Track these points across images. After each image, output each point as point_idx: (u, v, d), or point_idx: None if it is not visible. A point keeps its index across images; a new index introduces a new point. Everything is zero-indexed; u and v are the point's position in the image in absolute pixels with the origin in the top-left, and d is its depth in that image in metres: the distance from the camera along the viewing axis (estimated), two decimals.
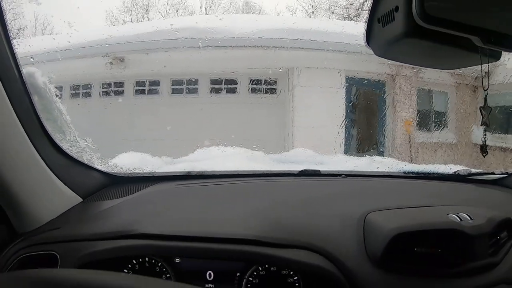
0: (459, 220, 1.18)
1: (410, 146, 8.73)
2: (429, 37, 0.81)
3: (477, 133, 9.82)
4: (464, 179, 2.02)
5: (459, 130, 9.84)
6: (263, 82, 8.12)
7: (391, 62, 7.94)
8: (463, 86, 10.07)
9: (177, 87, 8.07)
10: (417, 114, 9.01)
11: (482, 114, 1.09)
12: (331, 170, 1.87)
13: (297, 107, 7.76)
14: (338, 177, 1.80)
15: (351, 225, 1.15)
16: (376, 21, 0.86)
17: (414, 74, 8.67)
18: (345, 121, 7.65)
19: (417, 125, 9.07)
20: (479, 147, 1.19)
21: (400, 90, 8.63)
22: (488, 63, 0.95)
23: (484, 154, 1.16)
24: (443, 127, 9.66)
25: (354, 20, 15.38)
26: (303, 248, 1.07)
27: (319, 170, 1.80)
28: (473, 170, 2.07)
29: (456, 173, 2.04)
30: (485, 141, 1.19)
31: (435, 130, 9.49)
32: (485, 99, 1.08)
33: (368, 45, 0.92)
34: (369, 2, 0.89)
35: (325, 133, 6.77)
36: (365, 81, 8.35)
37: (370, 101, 9.04)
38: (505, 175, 2.01)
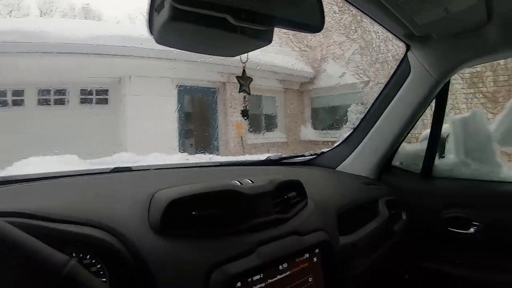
0: (239, 184, 1.24)
1: (243, 148, 9.05)
2: (193, 20, 0.84)
3: (305, 131, 10.63)
4: (277, 163, 2.16)
5: (288, 130, 10.52)
6: (94, 92, 7.73)
7: (221, 70, 8.22)
8: (290, 91, 10.77)
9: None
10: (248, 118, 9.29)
11: (240, 83, 1.17)
12: (142, 165, 1.90)
13: (129, 117, 7.54)
14: (147, 171, 1.85)
15: (139, 204, 1.15)
16: (154, 10, 0.88)
17: None
18: (179, 128, 7.66)
19: (249, 128, 9.40)
20: (241, 112, 1.29)
21: (231, 96, 8.89)
22: (259, 47, 1.02)
23: (245, 118, 1.27)
24: (274, 128, 10.27)
25: None
26: (91, 225, 1.02)
27: (130, 167, 1.82)
28: (284, 155, 2.23)
29: (268, 158, 2.17)
30: (247, 106, 1.29)
31: (266, 131, 10.01)
32: (244, 71, 1.16)
33: (151, 34, 0.93)
34: None
35: (159, 141, 6.73)
36: (198, 89, 8.48)
37: (203, 107, 9.21)
38: (314, 156, 2.24)
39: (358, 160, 2.14)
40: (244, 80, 1.19)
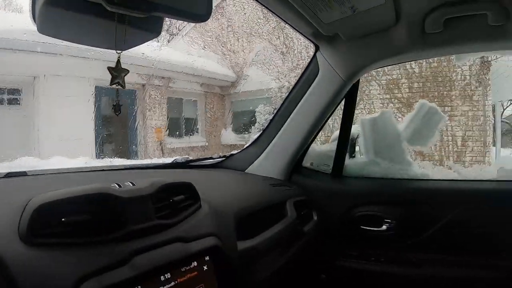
0: (118, 187, 1.13)
1: (162, 152, 8.88)
2: (69, 5, 0.80)
3: (226, 135, 10.67)
4: (185, 165, 2.09)
5: (209, 133, 10.53)
6: (6, 92, 7.15)
7: (140, 71, 8.03)
8: (211, 95, 10.76)
9: None
10: (168, 121, 9.22)
11: (112, 75, 1.05)
12: (38, 170, 1.79)
13: (43, 120, 7.06)
14: (42, 175, 1.68)
15: (14, 210, 1.03)
16: None
17: (164, 83, 8.92)
18: (97, 132, 7.34)
19: (168, 132, 9.29)
20: (112, 107, 1.15)
21: (150, 99, 8.77)
22: (148, 39, 0.99)
23: (117, 113, 1.16)
24: (194, 132, 10.21)
25: None
26: None
27: (25, 171, 1.71)
28: (191, 158, 2.17)
29: (174, 161, 2.08)
30: (119, 101, 1.17)
31: (186, 135, 9.94)
32: (118, 61, 1.03)
33: (34, 22, 0.86)
34: None
35: (75, 145, 6.39)
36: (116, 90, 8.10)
37: (123, 110, 8.82)
38: (223, 159, 2.19)
39: (268, 162, 2.12)
40: (117, 72, 1.05)
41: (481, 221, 1.87)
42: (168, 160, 2.14)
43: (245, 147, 2.22)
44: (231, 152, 2.24)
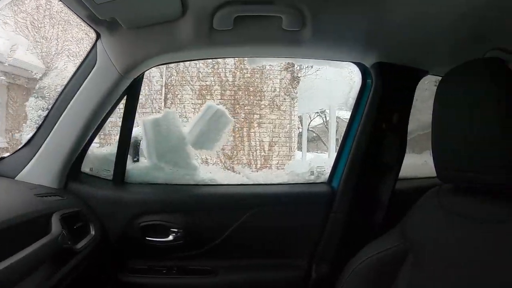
0: None
1: None
2: None
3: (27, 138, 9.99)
4: None
5: (9, 132, 9.70)
6: None
7: None
8: (15, 87, 9.92)
9: None
10: None
11: None
12: None
13: None
14: None
15: None
16: None
17: None
18: None
19: None
20: None
21: None
22: None
23: None
24: None
25: None
26: None
27: None
28: None
29: None
30: None
31: None
32: None
33: None
34: None
35: None
36: None
37: None
38: None
39: (39, 166, 1.79)
40: None
41: (275, 223, 1.92)
42: None
43: (17, 149, 1.87)
44: (2, 155, 1.88)
